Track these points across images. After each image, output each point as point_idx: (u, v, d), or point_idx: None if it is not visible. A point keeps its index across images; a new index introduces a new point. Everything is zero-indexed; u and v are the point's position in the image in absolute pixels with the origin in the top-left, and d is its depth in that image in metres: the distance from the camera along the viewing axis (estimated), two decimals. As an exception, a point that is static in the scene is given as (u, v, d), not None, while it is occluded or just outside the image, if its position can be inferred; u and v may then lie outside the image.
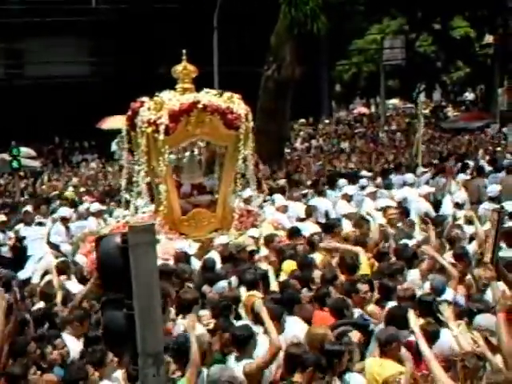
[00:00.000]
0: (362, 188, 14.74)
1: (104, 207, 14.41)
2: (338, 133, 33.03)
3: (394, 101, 48.81)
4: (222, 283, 8.57)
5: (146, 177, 11.15)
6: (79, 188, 19.59)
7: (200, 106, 10.86)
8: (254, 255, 9.91)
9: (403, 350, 6.27)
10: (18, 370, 6.21)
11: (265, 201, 13.74)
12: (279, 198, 13.70)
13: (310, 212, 12.50)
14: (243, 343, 6.56)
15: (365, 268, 8.73)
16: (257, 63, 29.40)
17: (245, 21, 31.31)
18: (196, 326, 6.52)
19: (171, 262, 9.56)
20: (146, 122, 10.86)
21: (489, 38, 39.13)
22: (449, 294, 7.87)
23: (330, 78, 40.46)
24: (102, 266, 4.61)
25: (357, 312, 7.55)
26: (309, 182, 16.99)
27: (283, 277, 8.88)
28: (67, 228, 13.15)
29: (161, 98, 11.08)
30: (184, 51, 11.56)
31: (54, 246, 11.66)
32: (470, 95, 48.95)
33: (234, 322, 7.36)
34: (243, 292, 8.07)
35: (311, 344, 6.52)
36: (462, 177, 15.60)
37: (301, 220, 12.36)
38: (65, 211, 13.69)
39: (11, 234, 13.28)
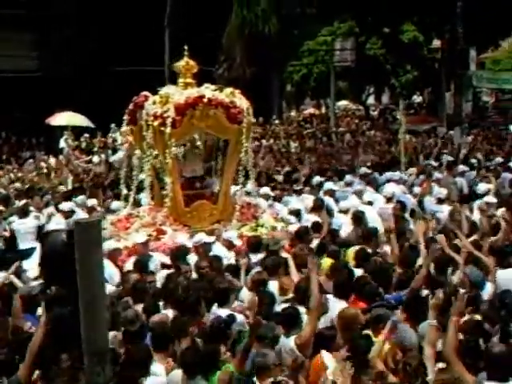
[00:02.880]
0: (347, 185, 15.10)
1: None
2: (288, 133, 33.18)
3: (344, 102, 49.20)
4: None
5: (151, 169, 11.54)
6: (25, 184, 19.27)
7: (205, 100, 11.31)
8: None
9: None
10: None
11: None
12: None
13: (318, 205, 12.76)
14: (290, 322, 6.98)
15: None
16: (208, 63, 29.50)
17: (196, 20, 31.21)
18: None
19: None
20: (152, 116, 11.23)
21: (437, 43, 39.74)
22: (488, 288, 8.16)
23: (281, 78, 40.59)
24: (47, 263, 4.60)
25: None
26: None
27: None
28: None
29: (166, 92, 11.44)
30: (186, 47, 12.09)
31: None
32: (418, 98, 49.67)
33: None
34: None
35: (342, 325, 6.94)
36: (437, 175, 16.02)
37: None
38: (67, 204, 13.53)
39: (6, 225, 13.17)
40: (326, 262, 9.32)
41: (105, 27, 30.69)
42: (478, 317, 7.06)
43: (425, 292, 8.06)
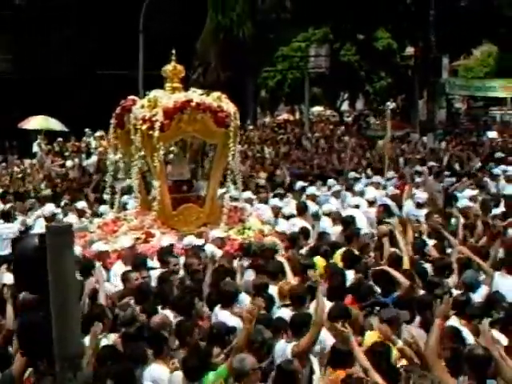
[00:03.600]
0: (330, 188, 15.28)
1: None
2: (262, 138, 33.22)
3: (318, 108, 49.44)
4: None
5: (139, 173, 11.59)
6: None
7: (193, 104, 11.35)
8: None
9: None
10: None
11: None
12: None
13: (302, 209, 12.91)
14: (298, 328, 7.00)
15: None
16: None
17: (171, 25, 31.19)
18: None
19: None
20: (140, 119, 11.28)
21: (410, 50, 40.08)
22: (482, 291, 8.27)
23: (256, 84, 40.69)
24: (19, 267, 4.58)
25: None
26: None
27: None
28: None
29: (154, 96, 11.48)
30: (173, 51, 12.13)
31: None
32: (391, 105, 49.94)
33: None
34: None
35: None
36: (418, 179, 16.20)
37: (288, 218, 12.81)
38: (51, 208, 13.42)
39: None
40: (319, 261, 9.44)
41: (79, 31, 30.63)
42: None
43: (421, 292, 8.20)
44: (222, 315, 7.97)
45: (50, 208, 13.38)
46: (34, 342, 4.63)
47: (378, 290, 8.40)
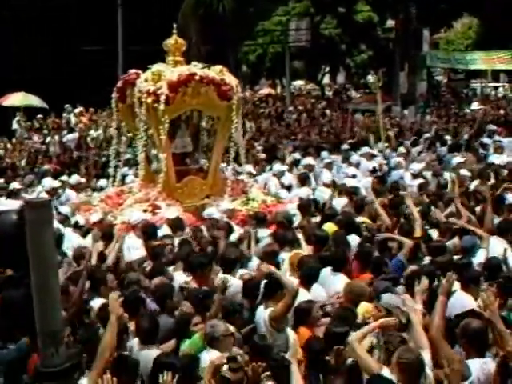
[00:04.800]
0: (322, 160, 15.53)
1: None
2: (243, 113, 33.06)
3: (300, 82, 49.29)
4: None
5: (144, 146, 11.73)
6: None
7: (197, 77, 11.48)
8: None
9: None
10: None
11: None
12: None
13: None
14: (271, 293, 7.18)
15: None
16: (162, 42, 29.10)
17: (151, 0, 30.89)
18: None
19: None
20: (145, 93, 11.39)
21: (391, 23, 39.96)
22: (481, 256, 8.33)
23: (236, 58, 40.47)
24: (-2, 244, 4.51)
25: None
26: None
27: None
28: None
29: (157, 69, 11.61)
30: (174, 25, 12.29)
31: None
32: (372, 78, 49.94)
33: None
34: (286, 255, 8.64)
35: (348, 297, 7.17)
36: (417, 149, 16.56)
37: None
38: (52, 182, 13.40)
39: None
40: (330, 227, 9.54)
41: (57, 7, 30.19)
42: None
43: (427, 259, 8.29)
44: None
45: (49, 182, 13.34)
46: (15, 318, 4.61)
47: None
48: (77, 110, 27.09)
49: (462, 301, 7.02)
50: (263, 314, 7.11)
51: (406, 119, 28.00)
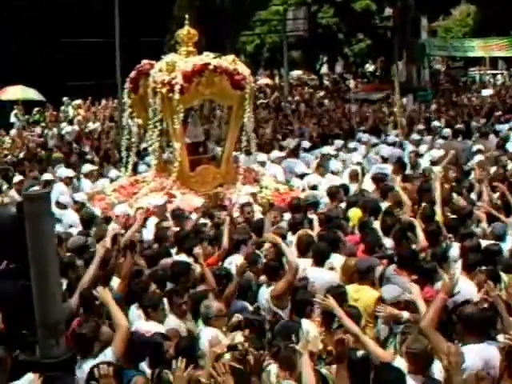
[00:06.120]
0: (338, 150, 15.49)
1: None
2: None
3: (298, 72, 49.18)
4: None
5: (159, 136, 11.88)
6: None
7: (211, 67, 11.61)
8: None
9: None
10: None
11: None
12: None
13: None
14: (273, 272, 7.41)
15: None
16: (160, 33, 29.07)
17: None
18: None
19: (193, 216, 10.32)
20: (160, 83, 11.53)
21: (389, 11, 39.86)
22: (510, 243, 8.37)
23: (234, 48, 40.35)
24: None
25: None
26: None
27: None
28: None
29: (171, 59, 11.78)
30: (187, 16, 12.57)
31: (63, 206, 11.27)
32: (370, 67, 49.88)
33: None
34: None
35: (344, 272, 7.57)
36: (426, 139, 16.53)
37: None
38: (67, 171, 13.35)
39: None
40: (356, 213, 9.65)
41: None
42: None
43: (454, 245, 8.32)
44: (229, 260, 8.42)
45: (64, 172, 13.32)
46: (15, 310, 4.61)
47: None
48: (75, 103, 27.05)
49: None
50: (265, 292, 7.27)
51: (405, 107, 27.89)
